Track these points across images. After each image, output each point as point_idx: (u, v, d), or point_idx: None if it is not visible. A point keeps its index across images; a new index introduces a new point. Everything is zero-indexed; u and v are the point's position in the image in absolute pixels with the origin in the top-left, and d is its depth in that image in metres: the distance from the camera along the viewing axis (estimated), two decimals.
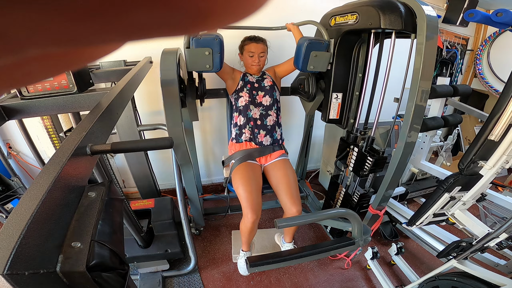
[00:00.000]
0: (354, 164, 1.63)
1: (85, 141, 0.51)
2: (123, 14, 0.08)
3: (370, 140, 1.54)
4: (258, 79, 1.63)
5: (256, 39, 1.54)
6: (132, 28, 0.09)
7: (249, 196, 1.39)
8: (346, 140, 1.69)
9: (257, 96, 1.60)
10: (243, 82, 1.60)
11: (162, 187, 2.37)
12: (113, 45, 0.10)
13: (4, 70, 0.09)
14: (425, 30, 1.08)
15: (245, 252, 1.65)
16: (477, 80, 3.05)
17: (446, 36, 2.72)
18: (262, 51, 1.54)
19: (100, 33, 0.08)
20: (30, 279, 0.31)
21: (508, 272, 1.55)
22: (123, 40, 0.09)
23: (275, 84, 1.66)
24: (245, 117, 1.59)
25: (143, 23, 0.08)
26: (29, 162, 2.01)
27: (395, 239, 2.01)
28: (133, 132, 1.70)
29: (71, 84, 0.82)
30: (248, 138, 1.59)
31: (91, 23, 0.08)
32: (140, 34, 0.09)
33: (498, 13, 1.08)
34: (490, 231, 1.11)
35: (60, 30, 0.08)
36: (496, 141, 1.03)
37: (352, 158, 1.64)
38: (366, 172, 1.53)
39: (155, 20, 0.08)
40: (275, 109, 1.64)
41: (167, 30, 0.09)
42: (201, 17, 0.09)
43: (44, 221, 0.36)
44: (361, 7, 1.26)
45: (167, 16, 0.08)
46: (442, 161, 2.28)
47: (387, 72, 1.36)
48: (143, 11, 0.08)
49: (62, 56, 0.10)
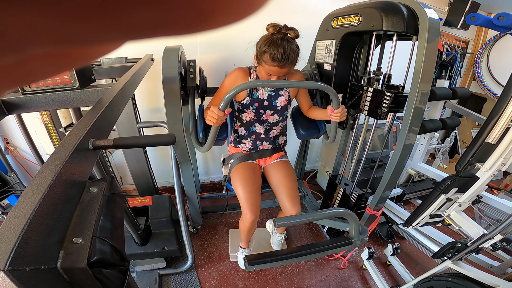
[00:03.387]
0: (369, 105, 1.42)
1: (87, 136, 0.51)
2: (124, 13, 0.08)
3: (387, 77, 1.37)
4: (271, 95, 1.36)
5: (282, 63, 1.12)
6: (133, 27, 0.08)
7: (248, 196, 1.39)
8: (357, 85, 1.50)
9: (264, 115, 1.40)
10: (251, 99, 1.35)
11: (160, 184, 2.37)
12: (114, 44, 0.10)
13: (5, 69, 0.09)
14: (427, 32, 1.08)
15: (244, 249, 1.66)
16: (476, 83, 3.06)
17: (447, 39, 2.73)
18: (286, 74, 1.21)
19: (102, 32, 0.08)
20: (31, 275, 0.31)
21: (501, 274, 1.56)
22: (124, 39, 0.09)
23: (289, 103, 1.43)
24: (247, 131, 1.47)
25: (144, 23, 0.08)
26: (27, 157, 2.00)
27: (391, 240, 2.03)
28: (132, 129, 1.70)
29: (73, 80, 0.82)
30: (248, 149, 1.52)
31: (92, 22, 0.08)
32: (141, 34, 0.09)
33: (500, 16, 1.09)
34: (485, 232, 1.13)
35: (61, 29, 0.08)
36: (493, 143, 1.04)
37: (366, 100, 1.44)
38: (385, 109, 1.32)
39: (156, 19, 0.08)
40: (281, 124, 1.49)
41: (168, 29, 0.09)
42: (202, 16, 0.09)
43: (45, 217, 0.36)
44: (364, 9, 1.26)
45: (168, 16, 0.08)
46: (439, 163, 2.30)
47: (388, 74, 1.36)
48: (145, 10, 0.08)
49: (63, 55, 0.10)
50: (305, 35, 1.52)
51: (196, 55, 1.90)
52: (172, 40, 1.44)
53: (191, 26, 0.09)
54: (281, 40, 1.10)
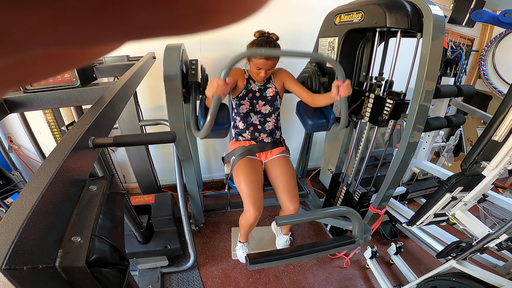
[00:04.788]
0: (370, 112, 1.45)
1: (87, 134, 0.51)
2: (125, 14, 0.08)
3: (388, 84, 1.39)
4: (261, 88, 1.55)
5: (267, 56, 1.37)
6: (135, 28, 0.09)
7: (251, 191, 1.38)
8: (359, 90, 1.53)
9: (257, 105, 1.55)
10: (246, 91, 1.53)
11: (163, 182, 2.37)
12: (115, 45, 0.10)
13: (6, 69, 0.09)
14: (432, 30, 1.07)
15: (243, 243, 1.66)
16: (481, 81, 3.03)
17: (451, 36, 2.70)
18: (272, 66, 1.41)
19: (103, 33, 0.08)
20: (29, 274, 0.31)
21: (506, 273, 1.55)
22: (125, 40, 0.09)
23: (278, 94, 1.57)
24: (245, 123, 1.57)
25: (146, 23, 0.08)
26: (30, 156, 2.01)
27: (394, 239, 2.01)
28: (134, 127, 1.70)
29: (74, 78, 0.82)
30: (249, 139, 1.59)
31: (93, 22, 0.08)
32: (142, 34, 0.09)
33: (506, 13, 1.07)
34: (490, 232, 1.11)
35: (63, 30, 0.08)
36: (499, 141, 1.03)
37: (368, 107, 1.47)
38: (386, 117, 1.35)
39: (157, 20, 0.08)
40: (274, 116, 1.59)
41: (169, 30, 0.09)
42: (203, 17, 0.09)
43: (44, 215, 0.36)
44: (367, 6, 1.24)
45: (169, 16, 0.08)
46: (443, 162, 2.27)
47: (392, 71, 1.34)
48: (146, 11, 0.08)
49: (64, 56, 0.10)
50: (307, 32, 1.52)
51: (197, 53, 1.90)
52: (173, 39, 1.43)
53: (192, 27, 0.09)
54: (265, 41, 1.34)
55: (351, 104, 1.54)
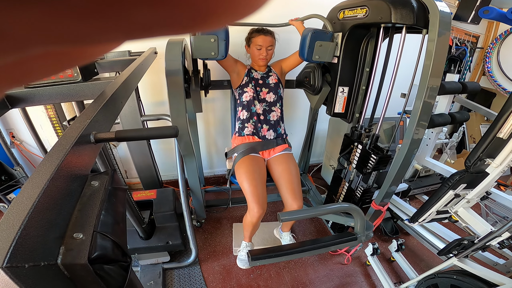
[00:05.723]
0: (357, 161, 1.61)
1: (89, 129, 0.50)
2: (124, 13, 0.08)
3: (375, 137, 1.52)
4: (263, 76, 1.62)
5: (264, 32, 1.51)
6: (134, 27, 0.09)
7: (255, 190, 1.38)
8: (350, 137, 1.67)
9: (261, 92, 1.60)
10: (248, 78, 1.59)
11: (164, 178, 2.37)
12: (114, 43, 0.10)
13: (5, 68, 0.09)
14: (438, 26, 1.05)
15: (247, 243, 1.66)
16: (485, 78, 3.00)
17: (456, 33, 2.67)
18: (270, 44, 1.51)
19: (102, 32, 0.08)
20: (30, 271, 0.30)
21: (506, 271, 1.55)
22: (124, 39, 0.09)
23: (280, 81, 1.65)
24: (249, 112, 1.59)
25: (145, 22, 0.08)
26: (32, 151, 2.01)
27: (395, 236, 2.01)
28: (136, 122, 1.70)
29: (75, 73, 0.81)
30: (251, 132, 1.58)
31: (93, 22, 0.08)
32: (141, 33, 0.09)
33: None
34: (493, 229, 1.11)
35: (62, 29, 0.08)
36: (504, 139, 1.02)
37: (355, 155, 1.62)
38: (369, 169, 1.51)
39: (156, 19, 0.08)
40: (279, 105, 1.65)
41: (168, 29, 0.09)
42: (202, 16, 0.09)
43: (45, 211, 0.35)
44: (372, 1, 1.22)
45: (168, 15, 0.08)
46: (446, 159, 2.26)
47: (396, 67, 1.33)
48: (145, 10, 0.08)
49: (63, 54, 0.10)
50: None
51: None
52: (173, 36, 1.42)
53: (191, 26, 0.09)
54: (260, 28, 1.53)
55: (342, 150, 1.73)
